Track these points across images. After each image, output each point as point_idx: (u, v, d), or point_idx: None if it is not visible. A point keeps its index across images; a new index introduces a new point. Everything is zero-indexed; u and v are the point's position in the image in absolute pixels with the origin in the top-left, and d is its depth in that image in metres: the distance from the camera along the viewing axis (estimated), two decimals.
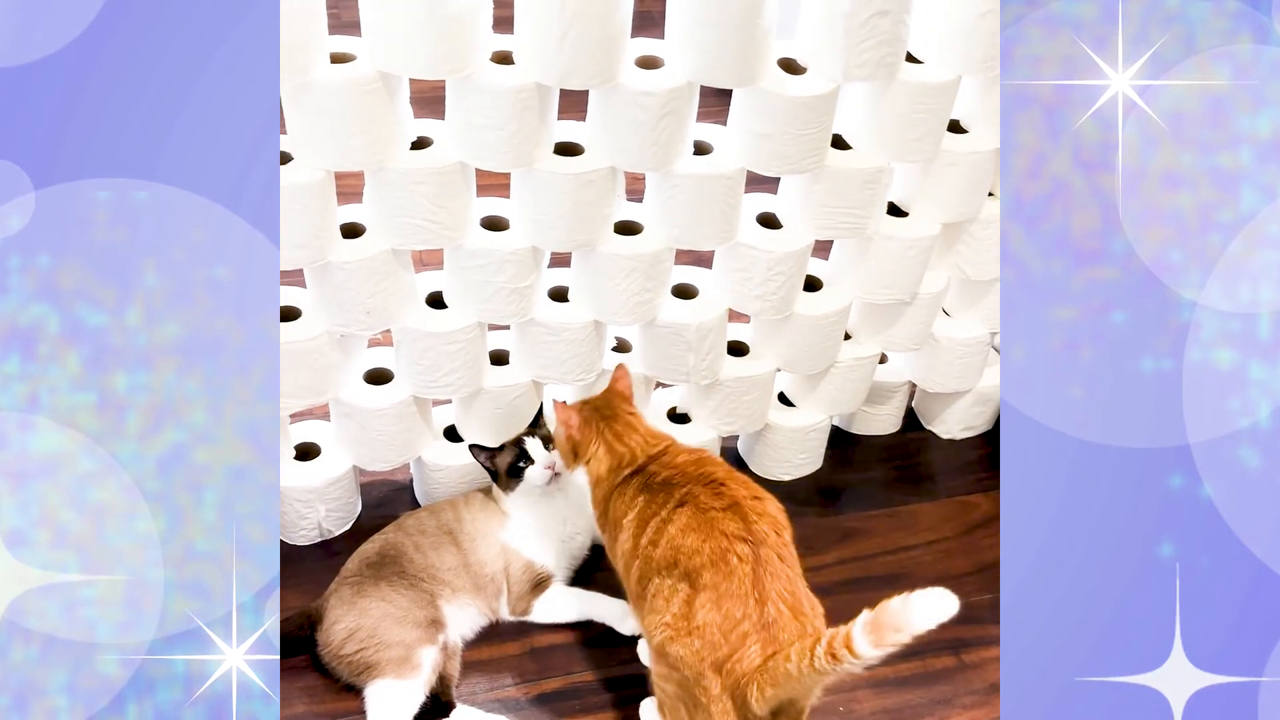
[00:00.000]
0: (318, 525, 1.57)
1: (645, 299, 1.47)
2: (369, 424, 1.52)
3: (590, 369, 1.56)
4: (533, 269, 1.43)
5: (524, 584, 1.44)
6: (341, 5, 1.39)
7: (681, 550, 1.18)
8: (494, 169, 1.31)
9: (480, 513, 1.48)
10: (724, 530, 1.17)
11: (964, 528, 1.70)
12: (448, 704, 1.33)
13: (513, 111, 1.25)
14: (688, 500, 1.22)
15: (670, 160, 1.35)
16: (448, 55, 1.20)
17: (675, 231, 1.43)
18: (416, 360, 1.48)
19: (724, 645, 1.10)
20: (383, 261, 1.37)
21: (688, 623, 1.13)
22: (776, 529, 1.20)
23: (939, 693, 1.43)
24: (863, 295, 1.60)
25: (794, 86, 1.31)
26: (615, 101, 1.28)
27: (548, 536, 1.47)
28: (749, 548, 1.15)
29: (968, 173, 1.50)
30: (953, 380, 1.79)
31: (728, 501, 1.20)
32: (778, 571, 1.15)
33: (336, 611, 1.36)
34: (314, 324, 1.42)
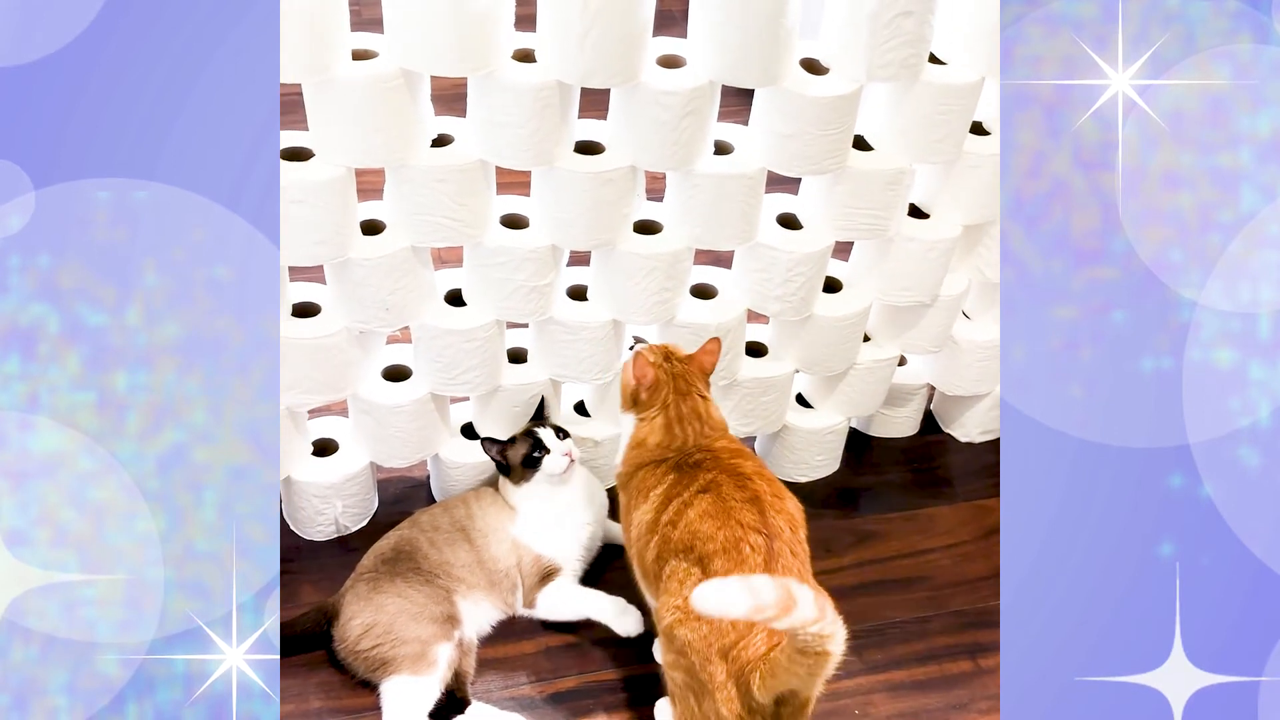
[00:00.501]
0: (334, 521, 1.58)
1: (664, 298, 1.47)
2: (387, 421, 1.52)
3: (608, 368, 1.57)
4: (552, 267, 1.43)
5: (533, 576, 1.45)
6: (363, 2, 1.39)
7: (698, 535, 1.20)
8: (515, 167, 1.31)
9: (491, 508, 1.48)
10: (740, 520, 1.19)
11: (981, 532, 1.69)
12: (463, 700, 1.33)
13: (534, 109, 1.25)
14: (711, 488, 1.24)
15: (691, 160, 1.35)
16: (470, 53, 1.20)
17: (695, 231, 1.43)
18: (435, 357, 1.48)
19: (730, 632, 1.11)
20: (402, 259, 1.37)
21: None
22: (792, 525, 1.21)
23: (955, 697, 1.42)
24: (882, 297, 1.60)
25: (816, 87, 1.31)
26: (637, 100, 1.28)
27: (557, 529, 1.47)
28: (763, 539, 1.17)
29: (990, 175, 1.50)
30: (972, 383, 1.78)
31: (749, 495, 1.22)
32: (789, 565, 1.16)
33: (353, 607, 1.37)
34: (333, 320, 1.42)
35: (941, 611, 1.55)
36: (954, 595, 1.57)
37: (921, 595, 1.57)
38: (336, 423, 1.61)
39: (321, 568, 1.52)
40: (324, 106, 1.23)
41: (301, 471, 1.53)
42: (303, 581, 1.51)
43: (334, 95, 1.22)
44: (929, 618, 1.53)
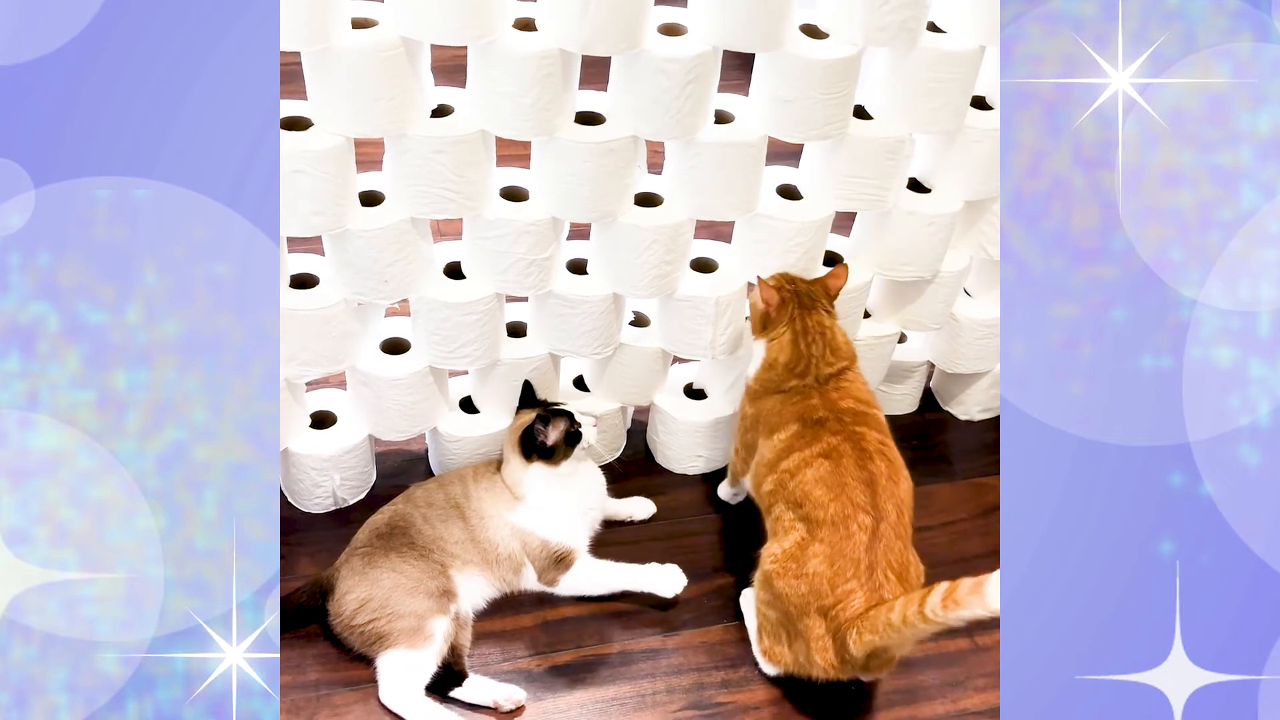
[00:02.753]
0: (332, 493, 1.57)
1: (665, 271, 1.47)
2: (385, 393, 1.52)
3: (608, 343, 1.56)
4: (552, 240, 1.43)
5: (545, 560, 1.44)
6: None
7: (810, 498, 1.28)
8: (515, 137, 1.31)
9: (487, 493, 1.47)
10: (852, 499, 1.26)
11: (979, 510, 1.69)
12: (460, 673, 1.33)
13: (535, 78, 1.25)
14: (832, 455, 1.30)
15: (693, 129, 1.35)
16: (471, 21, 1.19)
17: (698, 201, 1.43)
18: (434, 330, 1.48)
19: (830, 595, 1.21)
20: (401, 230, 1.37)
21: (797, 565, 1.24)
22: (899, 509, 1.27)
23: (951, 675, 1.43)
24: (883, 272, 1.60)
25: (817, 50, 1.31)
26: (639, 68, 1.28)
27: (565, 513, 1.47)
28: (871, 520, 1.24)
29: (991, 150, 1.50)
30: (972, 361, 1.78)
31: (866, 476, 1.28)
32: (891, 545, 1.24)
33: (348, 582, 1.37)
34: (332, 292, 1.42)
35: None
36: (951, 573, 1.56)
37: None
38: (335, 395, 1.61)
39: (319, 540, 1.52)
40: (323, 75, 1.23)
41: (299, 444, 1.53)
42: (300, 554, 1.51)
43: (334, 64, 1.21)
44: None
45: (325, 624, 1.38)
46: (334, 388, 1.62)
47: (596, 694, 1.37)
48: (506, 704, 1.33)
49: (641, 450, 1.74)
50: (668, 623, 1.45)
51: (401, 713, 1.30)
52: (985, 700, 1.40)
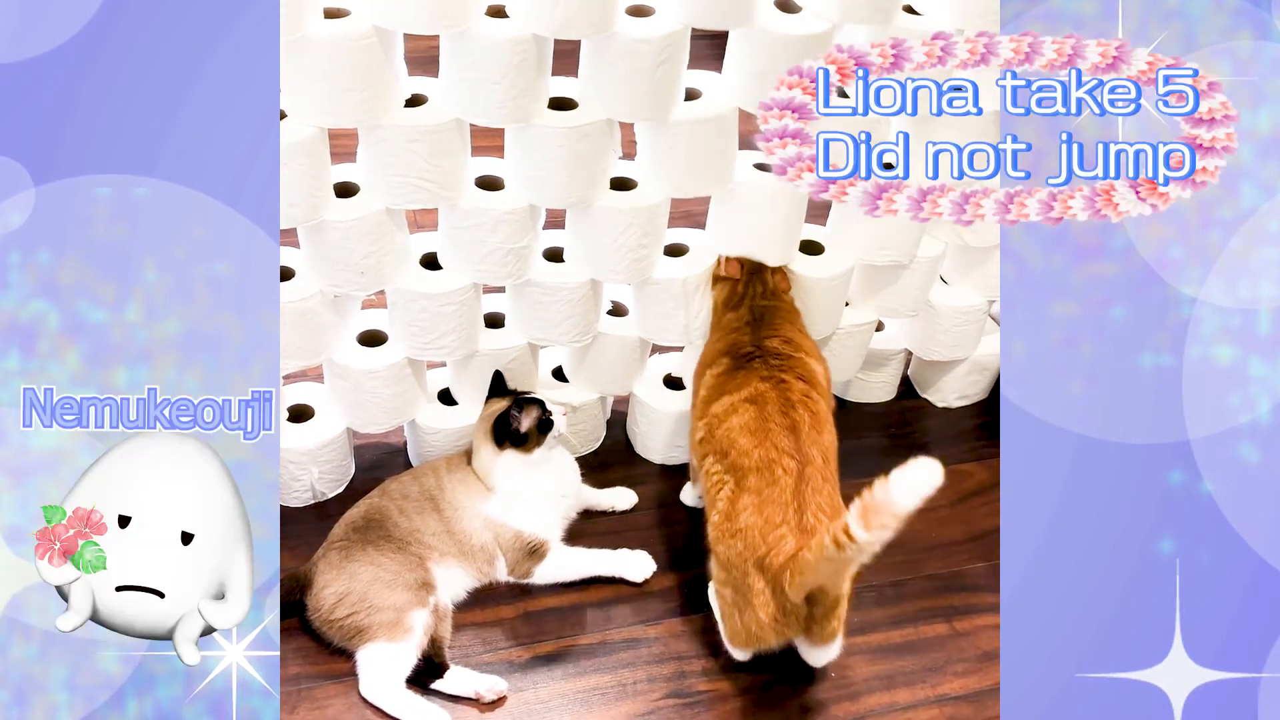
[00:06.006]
0: (311, 487, 1.56)
1: (642, 254, 1.47)
2: (363, 386, 1.51)
3: (587, 330, 1.56)
4: (529, 228, 1.42)
5: (518, 552, 1.44)
6: None
7: (735, 446, 1.28)
8: (490, 124, 1.31)
9: (461, 485, 1.47)
10: (776, 444, 1.26)
11: (958, 496, 1.69)
12: (441, 665, 1.33)
13: (509, 65, 1.24)
14: (758, 401, 1.31)
15: (667, 108, 1.34)
16: (443, 9, 1.19)
17: (674, 179, 1.42)
18: (410, 322, 1.47)
19: (762, 545, 1.19)
20: (376, 221, 1.36)
21: (730, 522, 1.24)
22: (825, 456, 1.27)
23: (931, 660, 1.43)
24: (862, 256, 1.60)
25: (790, 25, 1.31)
26: (611, 51, 1.28)
27: (538, 504, 1.47)
28: (795, 463, 1.24)
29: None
30: (949, 348, 1.79)
31: (789, 423, 1.28)
32: (819, 488, 1.23)
33: (325, 576, 1.36)
34: (307, 284, 1.41)
35: (917, 575, 1.54)
36: (929, 559, 1.57)
37: (897, 559, 1.56)
38: (312, 388, 1.59)
39: (299, 534, 1.50)
40: (296, 66, 1.22)
41: None
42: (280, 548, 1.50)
43: (306, 54, 1.20)
44: (904, 581, 1.53)
45: (304, 619, 1.38)
46: (312, 381, 1.61)
47: (578, 684, 1.37)
48: (488, 695, 1.32)
49: (621, 441, 1.74)
50: (649, 612, 1.45)
51: (382, 706, 1.30)
52: (964, 685, 1.40)
